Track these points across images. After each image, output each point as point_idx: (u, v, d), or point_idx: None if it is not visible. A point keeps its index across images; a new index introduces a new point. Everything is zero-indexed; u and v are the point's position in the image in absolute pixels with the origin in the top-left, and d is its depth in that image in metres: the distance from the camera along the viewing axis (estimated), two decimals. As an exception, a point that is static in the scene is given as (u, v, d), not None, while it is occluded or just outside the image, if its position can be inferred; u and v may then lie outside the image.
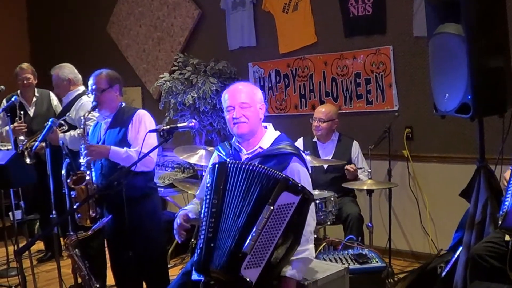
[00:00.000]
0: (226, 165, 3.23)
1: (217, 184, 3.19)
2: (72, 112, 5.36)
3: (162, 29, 8.10)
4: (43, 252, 6.84)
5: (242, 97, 3.45)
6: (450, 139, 5.71)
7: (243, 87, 3.53)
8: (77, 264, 3.78)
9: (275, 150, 3.42)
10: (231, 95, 3.48)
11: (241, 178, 3.14)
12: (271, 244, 3.00)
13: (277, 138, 3.53)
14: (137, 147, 4.08)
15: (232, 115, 3.43)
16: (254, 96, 3.50)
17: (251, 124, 3.44)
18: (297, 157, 3.41)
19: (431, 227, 5.92)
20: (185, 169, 6.71)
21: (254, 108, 3.46)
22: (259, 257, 2.99)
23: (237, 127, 3.43)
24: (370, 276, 4.22)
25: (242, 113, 3.42)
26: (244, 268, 2.98)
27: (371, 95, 6.20)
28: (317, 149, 5.68)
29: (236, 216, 3.09)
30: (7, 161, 4.07)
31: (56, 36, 9.85)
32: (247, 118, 3.42)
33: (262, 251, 2.99)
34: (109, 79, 4.33)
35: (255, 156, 3.43)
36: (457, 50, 3.76)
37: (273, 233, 3.00)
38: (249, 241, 2.98)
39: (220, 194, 3.16)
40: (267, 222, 3.00)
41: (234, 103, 3.44)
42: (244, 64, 7.26)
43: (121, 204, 3.67)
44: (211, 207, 3.16)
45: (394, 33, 5.99)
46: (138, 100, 8.51)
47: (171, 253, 6.32)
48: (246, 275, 2.97)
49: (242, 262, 2.98)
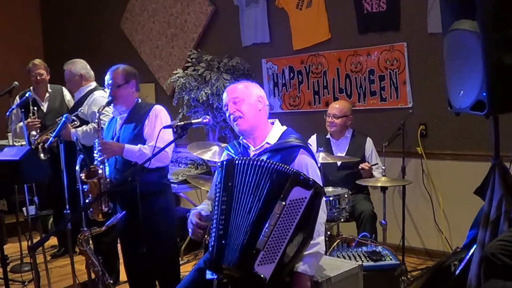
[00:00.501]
0: (233, 162, 3.23)
1: (225, 181, 3.19)
2: (84, 107, 5.37)
3: (176, 26, 8.10)
4: (56, 247, 6.86)
5: (234, 93, 3.49)
6: (464, 136, 5.68)
7: (238, 84, 3.58)
8: (91, 260, 3.79)
9: (281, 144, 3.42)
10: (226, 94, 3.54)
11: (250, 174, 3.14)
12: (284, 240, 2.99)
13: (284, 133, 3.53)
14: (152, 143, 4.08)
15: (228, 113, 3.48)
16: (248, 90, 3.51)
17: (247, 119, 3.46)
18: (305, 149, 3.40)
19: (445, 225, 5.89)
20: (198, 165, 6.71)
21: (248, 101, 3.47)
22: (272, 253, 2.98)
23: (236, 124, 3.47)
24: (384, 274, 4.21)
25: (236, 108, 3.45)
26: (258, 265, 2.97)
27: (385, 92, 6.18)
28: (331, 146, 5.66)
29: (246, 212, 3.09)
30: (21, 156, 4.08)
31: (69, 31, 9.90)
32: (242, 112, 3.44)
33: (275, 247, 2.98)
34: (125, 75, 4.33)
35: (263, 152, 3.43)
36: (473, 46, 3.72)
37: (286, 229, 2.99)
38: (262, 237, 2.98)
39: (229, 191, 3.16)
40: (279, 218, 2.99)
41: (227, 101, 3.50)
42: (258, 61, 7.25)
43: (135, 200, 3.67)
44: (220, 205, 3.16)
45: (408, 30, 5.96)
46: (151, 96, 8.52)
47: (184, 249, 6.34)
48: (260, 271, 2.96)
49: (255, 258, 2.97)
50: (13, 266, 6.01)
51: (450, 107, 4.15)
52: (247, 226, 3.05)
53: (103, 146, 4.16)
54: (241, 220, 3.09)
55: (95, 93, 5.45)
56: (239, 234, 3.07)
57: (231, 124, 3.52)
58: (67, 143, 4.62)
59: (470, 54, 3.76)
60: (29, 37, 10.24)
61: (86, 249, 3.76)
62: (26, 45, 10.00)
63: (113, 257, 5.51)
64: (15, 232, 5.86)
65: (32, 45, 10.19)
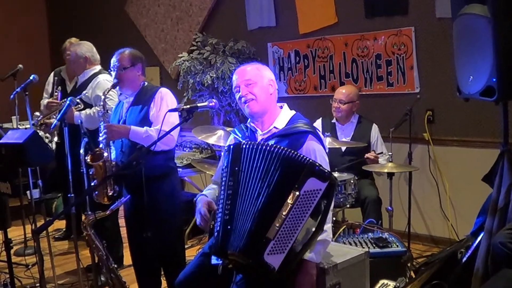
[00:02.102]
0: (240, 146, 3.19)
1: (232, 166, 3.16)
2: (88, 91, 5.33)
3: (181, 9, 8.05)
4: (60, 230, 6.86)
5: (247, 75, 3.45)
6: (472, 122, 5.63)
7: (249, 66, 3.54)
8: (95, 244, 3.77)
9: (290, 129, 3.39)
10: (236, 76, 3.49)
11: (258, 160, 3.10)
12: (296, 231, 2.95)
13: (292, 117, 3.50)
14: (158, 126, 4.05)
15: (239, 95, 3.44)
16: (260, 73, 3.48)
17: (260, 101, 3.42)
18: (313, 135, 3.37)
19: (451, 212, 5.86)
20: (203, 149, 6.69)
21: (261, 84, 3.44)
22: (283, 243, 2.94)
23: (247, 106, 3.43)
24: (390, 260, 4.18)
25: (248, 90, 3.41)
26: (268, 254, 2.93)
27: (391, 77, 6.13)
28: (336, 131, 5.62)
29: (254, 198, 3.05)
30: (25, 139, 4.06)
31: (74, 15, 9.86)
32: (254, 94, 3.41)
33: (286, 237, 2.94)
34: (132, 58, 4.30)
35: (271, 136, 3.40)
36: (483, 31, 3.67)
37: (298, 220, 2.95)
38: (272, 226, 2.94)
39: (236, 176, 3.13)
40: (292, 208, 2.95)
41: (239, 82, 3.45)
42: (263, 44, 7.20)
43: (140, 183, 3.65)
44: (227, 189, 3.13)
45: (416, 14, 5.90)
46: (156, 79, 8.48)
47: (188, 233, 6.32)
48: (269, 261, 2.93)
49: (265, 247, 2.93)
50: (16, 250, 6.01)
51: (459, 92, 4.10)
52: (255, 212, 3.02)
53: (109, 128, 4.14)
54: (248, 206, 3.06)
55: (99, 76, 5.40)
56: (245, 220, 3.04)
57: (241, 106, 3.48)
58: (71, 127, 4.59)
59: (480, 39, 3.71)
60: (34, 20, 10.20)
61: (91, 233, 3.74)
62: (31, 28, 9.97)
63: (116, 241, 5.50)
64: (19, 215, 5.85)
65: (37, 28, 10.15)
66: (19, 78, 5.69)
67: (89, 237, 3.76)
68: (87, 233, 3.74)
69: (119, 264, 5.29)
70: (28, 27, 9.92)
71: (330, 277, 3.31)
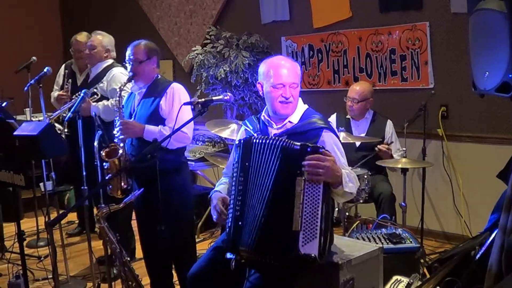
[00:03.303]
0: (251, 141, 3.20)
1: (243, 161, 3.18)
2: (103, 83, 5.34)
3: (194, 2, 8.03)
4: (72, 222, 6.88)
5: (292, 76, 3.38)
6: (486, 118, 5.60)
7: (289, 63, 3.45)
8: (108, 237, 3.77)
9: (305, 126, 3.39)
10: (280, 71, 3.38)
11: (265, 154, 3.12)
12: (317, 212, 2.95)
13: (305, 112, 3.50)
14: (171, 124, 4.03)
15: (280, 93, 3.36)
16: (299, 73, 3.46)
17: (295, 104, 3.42)
18: (328, 129, 3.38)
19: (464, 208, 5.83)
20: (216, 143, 6.70)
21: (299, 87, 3.44)
22: (311, 229, 2.94)
23: (283, 107, 3.38)
24: (404, 256, 4.18)
25: (292, 93, 3.37)
26: (302, 246, 2.93)
27: (406, 72, 6.09)
28: (350, 126, 5.60)
29: (262, 192, 3.08)
30: (39, 131, 4.05)
31: (88, 7, 9.86)
32: (294, 98, 3.39)
33: (311, 222, 2.95)
34: (147, 51, 4.29)
35: (285, 132, 3.39)
36: (499, 27, 3.63)
37: (315, 200, 2.97)
38: (295, 219, 2.94)
39: (246, 171, 3.15)
40: (304, 194, 2.96)
41: (286, 81, 3.36)
42: (277, 38, 7.18)
43: (153, 177, 3.65)
44: (238, 185, 3.16)
45: (431, 9, 5.86)
46: (169, 73, 8.48)
47: (200, 227, 6.33)
48: (307, 251, 2.93)
49: (297, 241, 2.93)
50: (29, 241, 6.04)
51: (474, 88, 4.06)
52: (263, 207, 3.05)
53: (125, 126, 4.14)
54: (257, 201, 3.09)
55: (114, 69, 5.41)
56: (254, 216, 3.07)
57: (273, 102, 3.40)
58: (85, 119, 4.59)
59: (496, 34, 3.68)
60: (48, 12, 10.22)
61: (104, 225, 3.74)
62: (44, 21, 9.99)
63: (128, 234, 5.50)
64: (32, 207, 5.88)
65: (50, 20, 10.17)
66: (32, 70, 5.70)
67: (102, 230, 3.77)
68: (100, 225, 3.74)
69: (131, 257, 5.30)
70: (42, 19, 9.94)
71: (344, 272, 3.31)
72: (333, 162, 3.02)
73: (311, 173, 2.96)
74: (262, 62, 3.54)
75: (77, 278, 5.29)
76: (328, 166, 2.97)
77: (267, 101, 3.47)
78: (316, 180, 2.97)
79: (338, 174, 3.05)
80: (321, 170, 2.96)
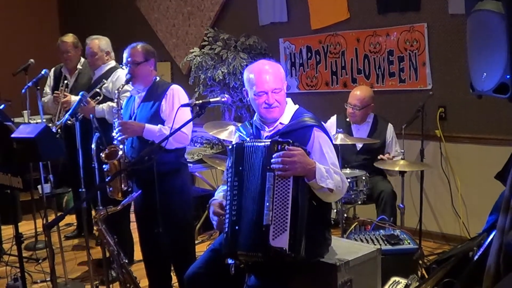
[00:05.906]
0: (243, 145, 3.23)
1: (236, 166, 3.20)
2: (108, 84, 5.33)
3: (192, 4, 8.03)
4: (70, 225, 6.87)
5: (274, 81, 3.37)
6: (484, 119, 5.59)
7: (270, 67, 3.43)
8: (106, 239, 3.77)
9: (295, 125, 3.40)
10: (261, 78, 3.37)
11: (255, 156, 3.16)
12: (287, 204, 3.00)
13: (296, 112, 3.50)
14: (170, 124, 4.04)
15: (263, 100, 3.37)
16: (282, 76, 3.44)
17: (282, 107, 3.42)
18: (318, 127, 3.38)
19: (463, 210, 5.83)
20: (214, 145, 6.69)
21: (283, 90, 3.43)
22: (281, 222, 2.98)
23: (268, 112, 3.39)
24: (402, 258, 4.18)
25: (275, 98, 3.36)
26: (273, 239, 2.96)
27: (404, 73, 6.09)
28: (351, 130, 5.60)
29: (252, 195, 3.11)
30: (37, 134, 4.05)
31: (85, 9, 9.86)
32: (279, 102, 3.39)
33: (281, 215, 2.99)
34: (145, 53, 4.30)
35: (275, 133, 3.41)
36: (497, 28, 3.64)
37: (285, 193, 3.01)
38: (266, 213, 2.98)
39: (240, 176, 3.17)
40: (275, 187, 3.02)
41: (267, 88, 3.35)
42: (275, 40, 7.17)
43: (151, 179, 3.65)
44: (232, 189, 3.18)
45: (429, 10, 5.85)
46: (167, 75, 8.48)
47: (199, 229, 6.32)
48: (277, 245, 2.96)
49: (268, 234, 2.96)
50: (27, 244, 6.03)
51: (472, 89, 4.07)
52: (254, 209, 3.07)
53: (124, 126, 4.14)
54: (250, 204, 3.11)
55: (119, 71, 5.41)
56: (248, 218, 3.08)
57: (259, 108, 3.42)
58: (82, 122, 4.59)
59: (494, 35, 3.68)
60: (46, 14, 10.20)
61: (102, 227, 3.74)
62: (42, 23, 9.97)
63: (126, 236, 5.49)
64: (30, 210, 5.87)
65: (47, 24, 10.15)
66: (30, 73, 5.70)
67: (100, 232, 3.76)
68: (98, 228, 3.74)
69: (130, 260, 5.29)
70: (39, 22, 9.93)
71: (341, 274, 3.31)
72: (301, 156, 3.05)
73: (279, 169, 3.01)
74: (245, 69, 3.56)
75: (76, 280, 5.28)
76: (294, 160, 3.01)
77: (253, 107, 3.50)
78: (284, 175, 3.02)
79: (310, 167, 3.07)
80: (287, 165, 3.00)
